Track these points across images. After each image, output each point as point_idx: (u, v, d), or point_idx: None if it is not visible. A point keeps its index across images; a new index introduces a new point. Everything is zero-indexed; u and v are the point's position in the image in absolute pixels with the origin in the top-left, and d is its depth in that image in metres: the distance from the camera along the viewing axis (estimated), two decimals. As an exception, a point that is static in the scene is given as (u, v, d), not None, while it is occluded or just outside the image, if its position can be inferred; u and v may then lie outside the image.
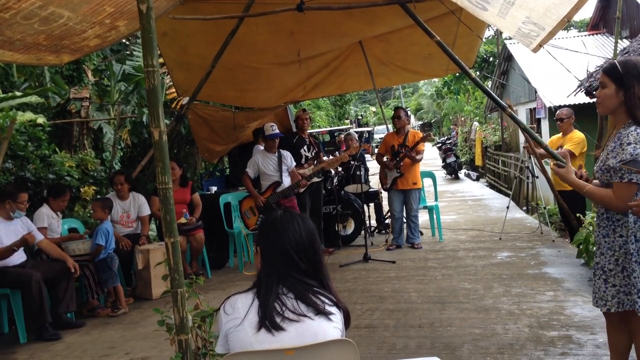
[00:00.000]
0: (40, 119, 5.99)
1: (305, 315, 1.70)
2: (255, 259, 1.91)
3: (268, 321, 1.68)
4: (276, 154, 6.20)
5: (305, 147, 6.73)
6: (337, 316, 1.75)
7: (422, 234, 7.28)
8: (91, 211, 5.42)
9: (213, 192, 7.28)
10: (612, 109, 2.50)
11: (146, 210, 5.85)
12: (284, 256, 1.76)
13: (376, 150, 7.99)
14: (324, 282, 1.80)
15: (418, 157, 6.65)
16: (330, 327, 1.71)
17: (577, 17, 21.81)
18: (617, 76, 2.43)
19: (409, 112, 7.48)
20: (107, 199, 5.54)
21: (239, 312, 1.73)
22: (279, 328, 1.67)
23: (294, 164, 6.34)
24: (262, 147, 7.32)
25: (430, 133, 7.64)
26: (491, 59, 20.11)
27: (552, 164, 3.48)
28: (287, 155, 6.26)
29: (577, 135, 5.84)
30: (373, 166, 8.38)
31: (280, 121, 8.14)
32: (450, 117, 29.56)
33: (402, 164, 6.62)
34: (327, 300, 1.75)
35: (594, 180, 2.67)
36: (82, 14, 3.61)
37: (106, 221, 5.24)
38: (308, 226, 1.82)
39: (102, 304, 5.29)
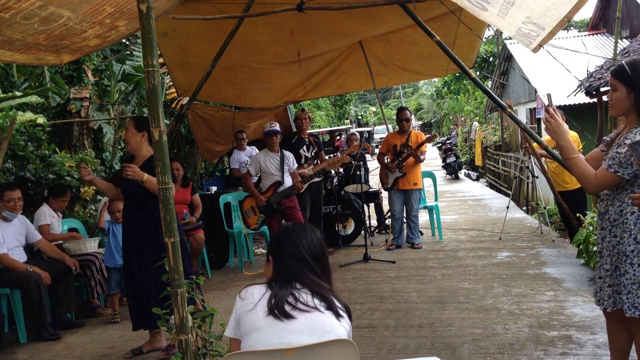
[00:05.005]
0: (40, 119, 6.00)
1: (316, 308, 1.78)
2: (267, 270, 1.97)
3: (278, 310, 1.75)
4: (279, 153, 6.17)
5: (304, 148, 6.71)
6: (346, 320, 1.82)
7: (422, 234, 7.27)
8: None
9: (213, 192, 7.27)
10: (625, 111, 2.51)
11: None
12: (300, 262, 1.87)
13: (376, 150, 7.99)
14: (332, 284, 1.92)
15: (422, 157, 6.67)
16: (338, 325, 1.78)
17: (577, 17, 21.84)
18: (627, 79, 2.44)
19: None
20: None
21: (254, 297, 1.82)
22: (289, 316, 1.75)
23: (296, 165, 6.33)
24: (240, 151, 7.41)
25: (435, 133, 7.64)
26: (491, 59, 20.12)
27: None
28: (289, 155, 6.24)
29: (572, 134, 5.89)
30: (373, 166, 8.38)
31: (280, 121, 8.13)
32: (450, 117, 29.56)
33: (404, 164, 6.63)
34: (339, 305, 1.84)
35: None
36: (82, 14, 3.60)
37: None
38: (318, 235, 1.96)
39: (102, 303, 5.29)
